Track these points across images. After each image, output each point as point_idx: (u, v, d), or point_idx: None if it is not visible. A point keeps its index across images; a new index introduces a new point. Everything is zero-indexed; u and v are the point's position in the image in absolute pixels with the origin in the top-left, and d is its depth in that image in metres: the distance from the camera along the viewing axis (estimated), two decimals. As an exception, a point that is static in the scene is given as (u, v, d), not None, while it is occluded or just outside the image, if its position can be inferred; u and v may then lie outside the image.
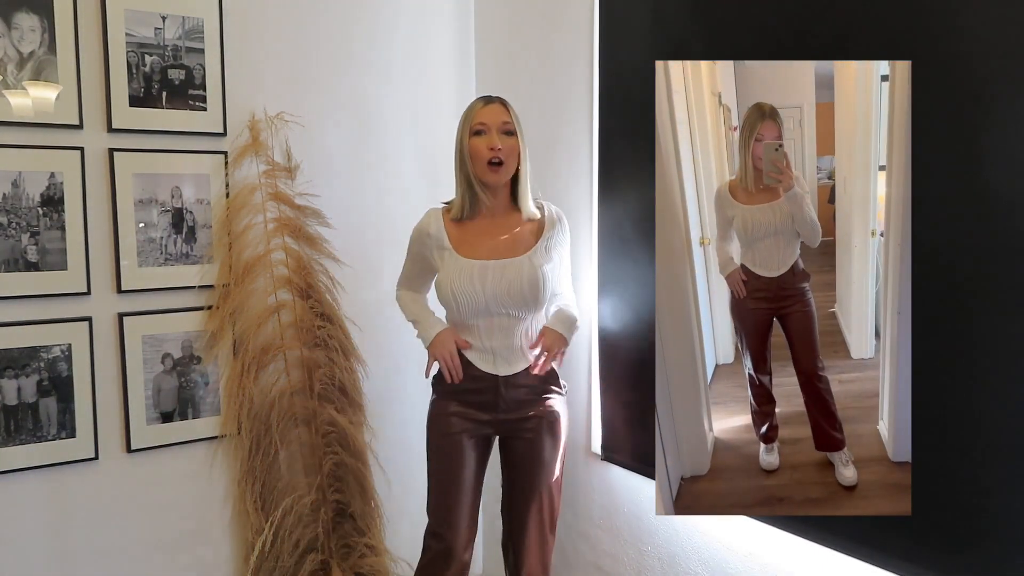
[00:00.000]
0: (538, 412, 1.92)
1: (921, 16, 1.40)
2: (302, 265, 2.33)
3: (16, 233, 1.98)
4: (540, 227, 1.93)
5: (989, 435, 1.34)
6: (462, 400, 1.93)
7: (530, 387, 1.92)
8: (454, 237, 1.90)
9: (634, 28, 2.00)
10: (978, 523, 1.36)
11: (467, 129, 1.86)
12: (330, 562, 2.34)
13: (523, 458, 1.94)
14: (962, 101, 1.35)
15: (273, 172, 2.30)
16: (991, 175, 1.32)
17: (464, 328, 1.91)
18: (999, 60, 1.29)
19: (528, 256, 1.87)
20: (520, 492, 1.96)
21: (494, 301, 1.84)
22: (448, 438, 1.92)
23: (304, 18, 2.37)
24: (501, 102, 1.89)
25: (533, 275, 1.85)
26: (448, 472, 1.93)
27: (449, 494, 1.92)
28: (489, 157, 1.82)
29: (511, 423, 1.92)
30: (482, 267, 1.86)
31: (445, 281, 1.87)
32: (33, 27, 1.95)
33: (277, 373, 2.34)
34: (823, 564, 1.64)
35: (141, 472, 2.19)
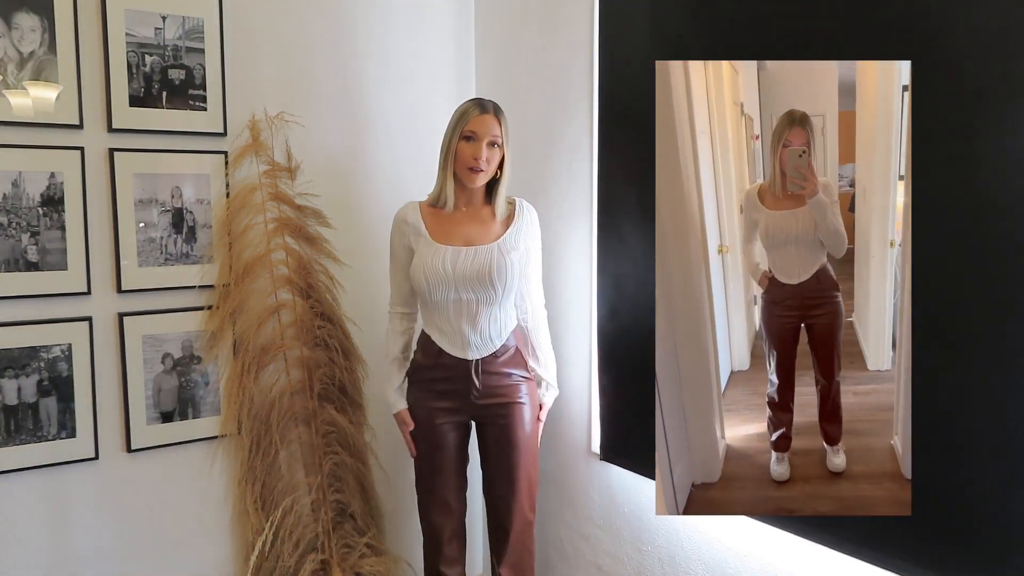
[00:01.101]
0: (510, 396, 2.05)
1: (921, 16, 1.40)
2: (302, 265, 2.33)
3: (16, 233, 1.98)
4: (510, 220, 2.05)
5: (989, 435, 1.34)
6: (437, 390, 2.06)
7: (500, 373, 2.04)
8: (430, 225, 2.01)
9: (634, 28, 2.00)
10: (978, 523, 1.37)
11: (458, 131, 1.95)
12: (330, 562, 2.34)
13: (502, 441, 2.06)
14: (962, 101, 1.35)
15: (273, 172, 2.30)
16: (991, 175, 1.32)
17: (434, 309, 2.02)
18: (999, 60, 1.29)
19: (497, 244, 1.99)
20: (499, 479, 2.09)
21: (462, 283, 1.96)
22: (430, 431, 2.07)
23: (304, 18, 2.37)
24: (495, 113, 1.96)
25: (501, 261, 1.97)
26: (431, 457, 2.08)
27: (434, 473, 2.09)
28: (471, 165, 1.94)
29: (485, 408, 2.04)
30: (454, 252, 1.97)
31: (418, 264, 1.98)
32: (33, 27, 1.95)
33: (277, 373, 2.34)
34: (823, 564, 1.64)
35: (141, 472, 2.19)
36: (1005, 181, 1.30)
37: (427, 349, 2.07)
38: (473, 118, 1.94)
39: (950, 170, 1.37)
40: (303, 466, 2.39)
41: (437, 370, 2.04)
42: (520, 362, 2.08)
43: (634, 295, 2.03)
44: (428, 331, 2.07)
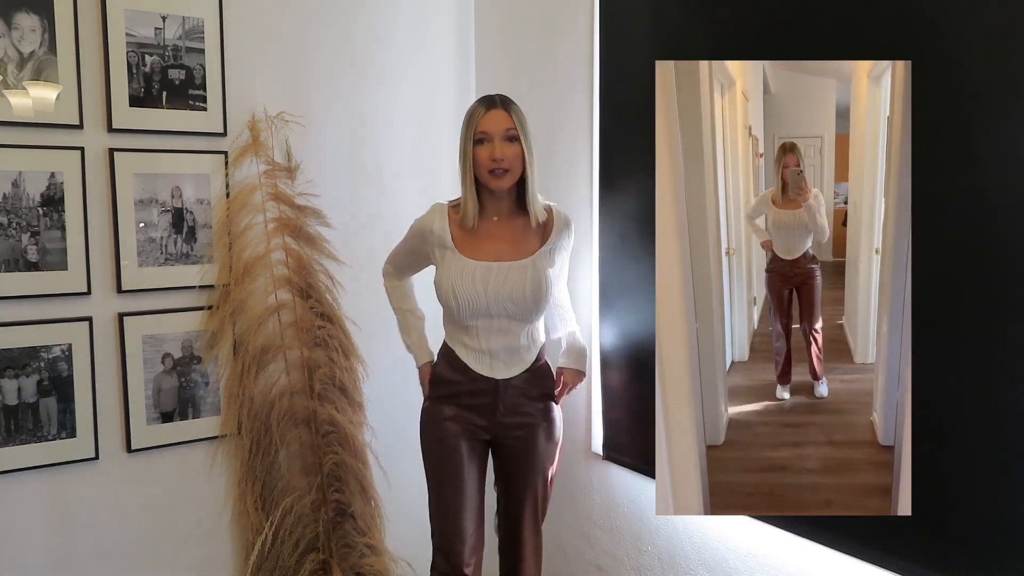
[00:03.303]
0: (535, 414, 1.91)
1: (921, 16, 1.40)
2: (302, 265, 2.33)
3: (16, 233, 1.98)
4: (546, 230, 1.89)
5: (989, 435, 1.34)
6: (458, 403, 1.90)
7: (526, 390, 1.91)
8: (458, 236, 1.86)
9: (634, 28, 2.00)
10: (978, 523, 1.37)
11: (470, 137, 1.81)
12: (330, 562, 2.34)
13: (519, 460, 1.92)
14: (962, 101, 1.35)
15: (273, 172, 2.30)
16: (991, 175, 1.32)
17: (462, 329, 1.88)
18: (999, 60, 1.29)
19: (532, 260, 1.84)
20: (515, 498, 1.95)
21: (495, 303, 1.82)
22: (444, 444, 1.89)
23: (304, 18, 2.37)
24: (504, 105, 1.82)
25: (537, 278, 1.82)
26: (449, 482, 1.88)
27: (452, 505, 1.88)
28: (491, 167, 1.78)
29: (508, 426, 1.90)
30: (485, 268, 1.82)
31: (446, 280, 1.83)
32: (33, 27, 1.95)
33: (277, 373, 2.34)
34: (823, 564, 1.64)
35: (141, 472, 2.19)
36: (1005, 181, 1.30)
37: (452, 363, 1.91)
38: (481, 118, 1.80)
39: (950, 170, 1.37)
40: (303, 466, 2.39)
41: (462, 384, 1.89)
42: (545, 373, 1.94)
43: (635, 294, 2.03)
44: (452, 345, 1.92)
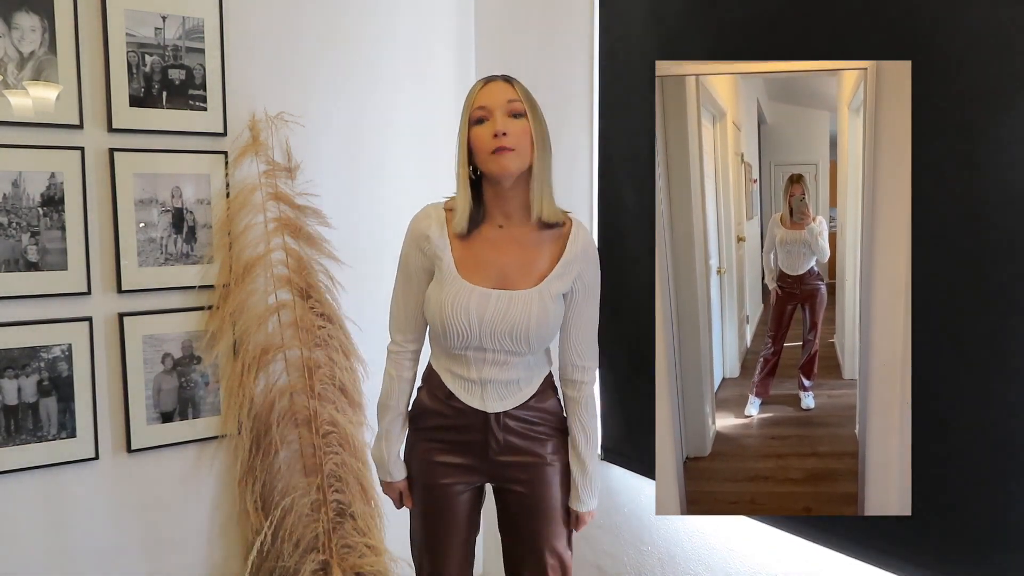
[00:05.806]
0: (542, 454, 1.60)
1: (921, 16, 1.40)
2: (302, 265, 2.33)
3: (16, 233, 1.98)
4: (562, 244, 1.57)
5: (988, 435, 1.34)
6: (446, 441, 1.61)
7: (528, 423, 1.59)
8: (457, 248, 1.55)
9: (634, 28, 2.00)
10: (978, 523, 1.37)
11: (466, 119, 1.52)
12: (330, 562, 2.34)
13: (525, 511, 1.62)
14: (962, 101, 1.35)
15: (273, 172, 2.30)
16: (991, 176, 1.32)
17: (451, 357, 1.59)
18: (999, 60, 1.29)
19: (539, 290, 1.53)
20: (522, 555, 1.65)
21: (489, 338, 1.51)
22: (432, 491, 1.63)
23: (304, 18, 2.37)
24: (505, 79, 1.54)
25: (543, 313, 1.51)
26: (434, 534, 1.65)
27: (437, 556, 1.65)
28: (493, 146, 1.46)
29: (506, 467, 1.59)
30: (482, 297, 1.51)
31: (435, 302, 1.54)
32: (33, 27, 1.95)
33: (277, 373, 2.34)
34: (823, 564, 1.64)
35: (141, 472, 2.19)
36: (1005, 181, 1.30)
37: (434, 390, 1.63)
38: (478, 92, 1.52)
39: (950, 170, 1.37)
40: (303, 466, 2.39)
41: (446, 417, 1.59)
42: (551, 406, 1.63)
43: (636, 294, 2.03)
44: (438, 370, 1.63)
